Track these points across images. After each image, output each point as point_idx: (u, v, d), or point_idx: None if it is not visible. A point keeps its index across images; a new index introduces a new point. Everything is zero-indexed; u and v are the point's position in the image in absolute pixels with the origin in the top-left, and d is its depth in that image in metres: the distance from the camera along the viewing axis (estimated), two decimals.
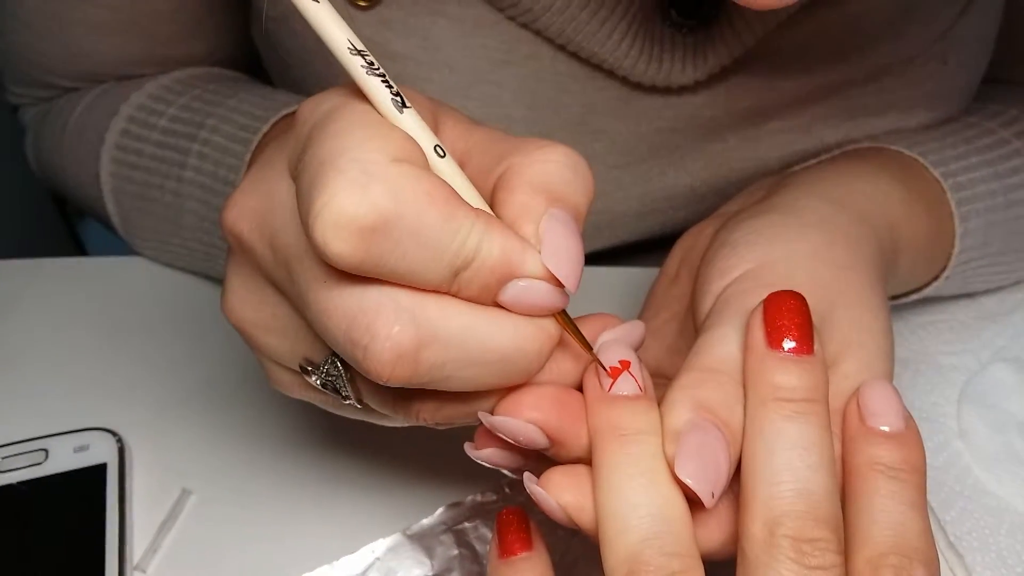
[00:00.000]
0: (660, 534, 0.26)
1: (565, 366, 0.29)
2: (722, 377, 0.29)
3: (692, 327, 0.35)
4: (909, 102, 0.46)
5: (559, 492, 0.28)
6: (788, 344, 0.28)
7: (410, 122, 0.26)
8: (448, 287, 0.25)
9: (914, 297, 0.44)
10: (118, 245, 0.54)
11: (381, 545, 0.39)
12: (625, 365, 0.28)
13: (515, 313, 0.26)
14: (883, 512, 0.27)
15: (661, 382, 0.30)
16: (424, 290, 0.25)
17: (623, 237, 0.53)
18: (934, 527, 0.41)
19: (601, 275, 0.52)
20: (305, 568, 0.38)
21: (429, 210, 0.24)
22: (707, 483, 0.26)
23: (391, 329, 0.24)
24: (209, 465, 0.43)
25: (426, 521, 0.40)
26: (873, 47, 0.45)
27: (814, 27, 0.43)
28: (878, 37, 0.45)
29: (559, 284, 0.26)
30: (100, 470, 0.41)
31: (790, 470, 0.26)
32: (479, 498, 0.40)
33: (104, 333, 0.49)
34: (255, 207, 0.28)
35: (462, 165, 0.28)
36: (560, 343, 0.28)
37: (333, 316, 0.25)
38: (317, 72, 0.47)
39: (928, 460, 0.42)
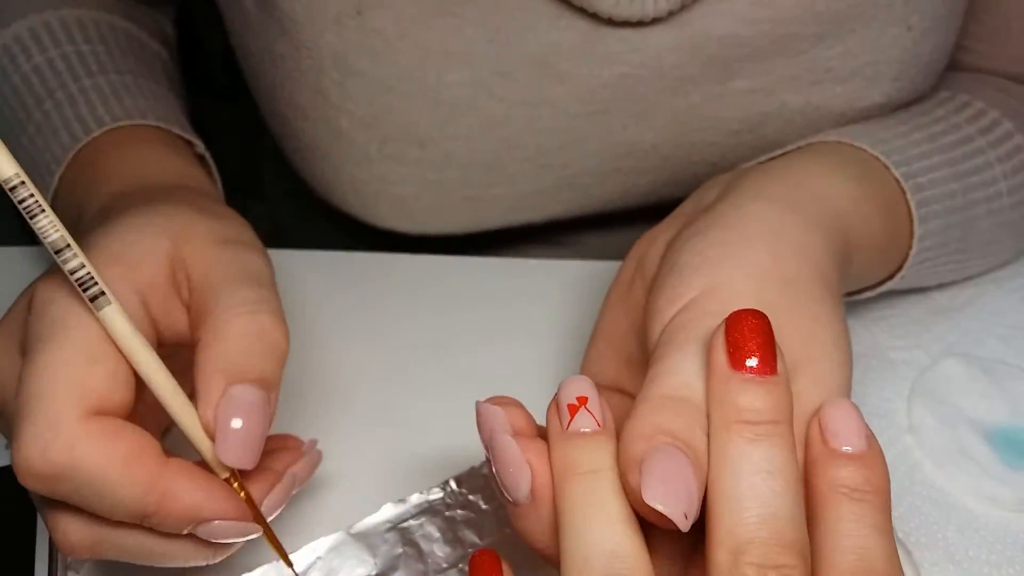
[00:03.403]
0: (619, 569, 0.26)
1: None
2: (679, 404, 0.28)
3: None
4: (874, 68, 0.46)
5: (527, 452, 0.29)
6: (751, 362, 0.28)
7: (109, 322, 0.29)
8: (137, 523, 0.29)
9: (868, 295, 0.44)
10: None
11: (323, 544, 0.38)
12: (583, 401, 0.28)
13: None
14: (847, 536, 0.27)
15: (619, 396, 0.31)
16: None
17: (582, 204, 0.52)
18: None
19: (560, 268, 0.52)
20: (246, 567, 0.37)
21: (108, 471, 0.28)
22: (678, 504, 0.26)
23: (70, 538, 0.30)
24: None
25: (369, 519, 0.39)
26: None
27: None
28: None
29: (246, 519, 0.31)
30: None
31: (755, 496, 0.26)
32: (424, 495, 0.40)
33: None
34: None
35: (194, 292, 0.32)
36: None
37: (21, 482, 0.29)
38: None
39: None
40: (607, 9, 0.43)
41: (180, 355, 0.32)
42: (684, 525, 0.26)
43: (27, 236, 0.49)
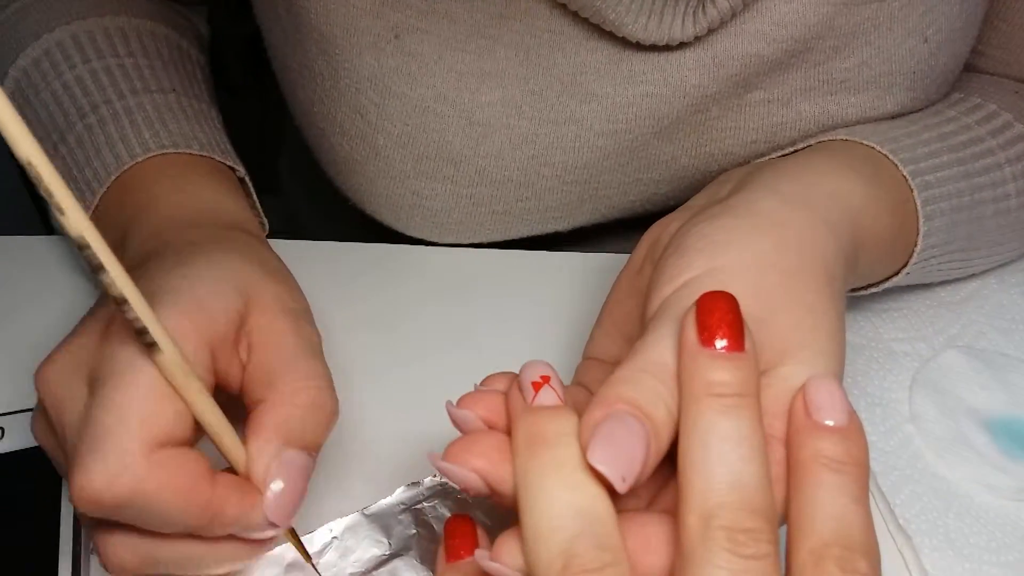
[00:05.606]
0: (589, 530, 0.27)
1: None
2: (646, 377, 0.29)
3: None
4: (890, 79, 0.46)
5: (469, 459, 0.30)
6: (720, 343, 0.29)
7: (165, 367, 0.30)
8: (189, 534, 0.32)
9: (873, 290, 0.45)
10: None
11: (339, 524, 0.39)
12: (545, 379, 0.30)
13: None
14: (826, 505, 0.28)
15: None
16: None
17: (605, 213, 0.53)
18: (884, 509, 0.42)
19: (574, 259, 0.53)
20: None
21: (170, 499, 0.30)
22: (617, 468, 0.27)
23: (120, 556, 0.32)
24: None
25: (384, 501, 0.40)
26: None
27: None
28: None
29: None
30: None
31: (723, 462, 0.27)
32: (437, 478, 0.41)
33: (62, 311, 0.49)
34: (60, 388, 0.32)
35: (255, 355, 0.34)
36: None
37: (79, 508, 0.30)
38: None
39: (880, 444, 0.44)
40: (635, 34, 0.43)
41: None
42: (620, 488, 0.27)
43: (30, 225, 0.50)
